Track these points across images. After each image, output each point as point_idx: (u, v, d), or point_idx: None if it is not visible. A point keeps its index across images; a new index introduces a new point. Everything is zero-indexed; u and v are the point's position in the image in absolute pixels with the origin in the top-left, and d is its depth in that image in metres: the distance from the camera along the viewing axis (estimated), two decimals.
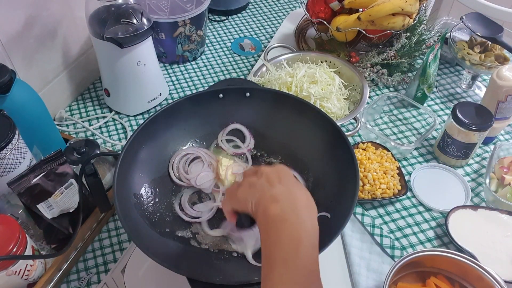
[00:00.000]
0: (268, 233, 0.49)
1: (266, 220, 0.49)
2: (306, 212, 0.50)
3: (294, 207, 0.50)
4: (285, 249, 0.47)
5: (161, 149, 0.79)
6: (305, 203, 0.51)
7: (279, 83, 0.96)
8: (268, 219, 0.49)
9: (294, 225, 0.48)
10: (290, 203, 0.50)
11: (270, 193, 0.51)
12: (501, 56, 1.02)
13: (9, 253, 0.61)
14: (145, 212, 0.72)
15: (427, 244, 0.80)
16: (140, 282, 0.74)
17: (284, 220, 0.48)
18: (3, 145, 0.66)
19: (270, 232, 0.48)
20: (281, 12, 1.34)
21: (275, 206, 0.49)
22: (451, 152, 0.89)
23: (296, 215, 0.49)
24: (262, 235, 0.50)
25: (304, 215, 0.50)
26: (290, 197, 0.51)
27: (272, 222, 0.48)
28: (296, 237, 0.47)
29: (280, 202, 0.50)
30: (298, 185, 0.54)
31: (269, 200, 0.50)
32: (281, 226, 0.48)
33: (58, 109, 1.01)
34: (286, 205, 0.49)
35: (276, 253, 0.47)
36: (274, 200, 0.50)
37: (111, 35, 0.85)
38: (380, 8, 0.97)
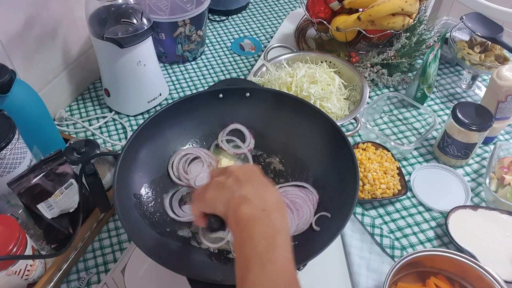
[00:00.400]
0: (241, 234, 0.48)
1: (237, 220, 0.48)
2: (276, 211, 0.50)
3: (264, 206, 0.49)
4: (259, 248, 0.46)
5: (161, 149, 0.79)
6: (275, 202, 0.51)
7: (279, 83, 0.96)
8: (239, 220, 0.48)
9: (266, 224, 0.48)
10: (260, 202, 0.49)
11: (240, 193, 0.50)
12: (501, 56, 1.02)
13: (9, 253, 0.61)
14: (145, 212, 0.72)
15: (427, 244, 0.80)
16: (140, 282, 0.74)
17: (255, 220, 0.48)
18: (3, 145, 0.66)
19: (242, 232, 0.48)
20: (281, 12, 1.34)
21: (245, 206, 0.48)
22: (451, 152, 0.89)
23: (267, 214, 0.48)
24: (235, 236, 0.49)
25: (274, 213, 0.49)
26: (259, 197, 0.50)
27: (244, 222, 0.48)
28: (269, 235, 0.47)
29: (250, 202, 0.49)
30: (267, 184, 0.53)
31: (239, 201, 0.49)
32: (253, 226, 0.47)
33: (58, 109, 1.01)
34: (257, 205, 0.49)
35: (250, 252, 0.46)
36: (244, 201, 0.49)
37: (111, 35, 0.85)
38: (380, 8, 0.97)
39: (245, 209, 0.48)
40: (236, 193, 0.51)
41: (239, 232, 0.48)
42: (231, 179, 0.52)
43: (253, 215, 0.48)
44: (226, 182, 0.52)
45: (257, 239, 0.46)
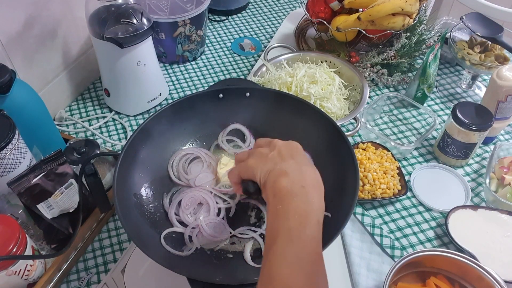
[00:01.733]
0: (275, 205, 0.49)
1: (275, 192, 0.49)
2: (314, 190, 0.51)
3: (303, 183, 0.50)
4: (291, 222, 0.47)
5: (161, 149, 0.79)
6: (314, 181, 0.52)
7: (279, 83, 0.96)
8: (276, 192, 0.49)
9: (302, 201, 0.48)
10: (300, 179, 0.50)
11: (281, 166, 0.51)
12: (501, 56, 1.02)
13: (9, 253, 0.61)
14: (145, 212, 0.72)
15: (427, 244, 0.80)
16: (140, 282, 0.74)
17: (292, 194, 0.48)
18: (3, 145, 0.66)
19: (277, 204, 0.49)
20: (281, 12, 1.34)
21: (285, 180, 0.49)
22: (451, 152, 0.89)
23: (304, 191, 0.49)
24: (269, 206, 0.50)
25: (312, 192, 0.50)
26: (300, 173, 0.51)
27: (281, 194, 0.49)
28: (303, 212, 0.48)
29: (290, 177, 0.50)
30: (309, 163, 0.54)
31: (279, 173, 0.50)
32: (289, 200, 0.48)
33: (58, 109, 1.01)
34: (296, 180, 0.50)
35: (281, 225, 0.47)
36: (284, 174, 0.50)
37: (111, 35, 0.85)
38: (380, 8, 0.97)
39: (285, 182, 0.49)
40: (278, 165, 0.52)
41: (274, 204, 0.49)
42: (275, 152, 0.54)
43: (291, 190, 0.49)
44: (270, 154, 0.54)
45: (291, 214, 0.47)
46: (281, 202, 0.49)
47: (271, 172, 0.52)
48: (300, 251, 0.46)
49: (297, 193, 0.49)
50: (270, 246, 0.47)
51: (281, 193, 0.49)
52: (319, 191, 0.52)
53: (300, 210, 0.48)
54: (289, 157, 0.53)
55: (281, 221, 0.47)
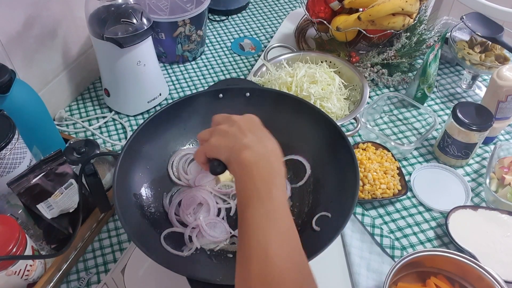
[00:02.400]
0: (242, 176, 0.53)
1: (240, 165, 0.53)
2: (275, 157, 0.55)
3: (264, 153, 0.54)
4: (259, 185, 0.51)
5: (161, 149, 0.79)
6: (273, 148, 0.56)
7: (279, 83, 0.96)
8: (241, 165, 0.53)
9: (266, 168, 0.53)
10: (261, 149, 0.54)
11: (242, 142, 0.55)
12: (501, 56, 1.02)
13: (9, 253, 0.61)
14: (145, 212, 0.72)
15: (427, 244, 0.80)
16: (140, 282, 0.74)
17: (256, 164, 0.53)
18: (3, 145, 0.66)
19: (244, 174, 0.53)
20: (281, 12, 1.34)
21: (247, 153, 0.53)
22: (451, 152, 0.89)
23: (266, 159, 0.54)
24: (237, 178, 0.54)
25: (272, 158, 0.55)
26: (260, 144, 0.55)
27: (245, 166, 0.53)
28: (268, 176, 0.52)
29: (252, 149, 0.54)
30: (266, 134, 0.58)
31: (242, 147, 0.54)
32: (254, 169, 0.52)
33: (58, 109, 1.01)
34: (257, 151, 0.54)
35: (251, 190, 0.51)
36: (246, 148, 0.54)
37: (111, 35, 0.85)
38: (380, 8, 0.97)
39: (247, 154, 0.53)
40: (239, 141, 0.55)
41: (241, 174, 0.53)
42: (235, 127, 0.57)
43: (254, 159, 0.53)
44: (229, 130, 0.57)
45: (257, 178, 0.52)
46: (247, 171, 0.52)
47: (234, 147, 0.55)
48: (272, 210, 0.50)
49: (260, 161, 0.53)
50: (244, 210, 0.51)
51: (246, 164, 0.53)
52: (278, 157, 0.56)
53: (265, 175, 0.52)
54: (249, 132, 0.56)
55: (250, 187, 0.52)
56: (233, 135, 0.56)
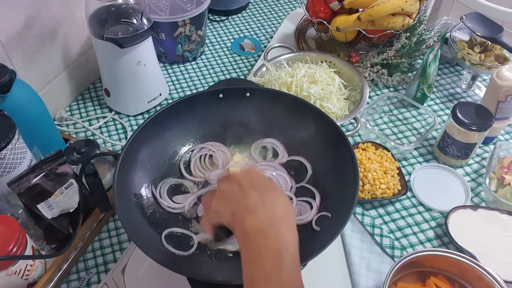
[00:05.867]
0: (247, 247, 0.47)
1: (244, 233, 0.47)
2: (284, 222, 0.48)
3: (271, 218, 0.47)
4: (266, 265, 0.44)
5: (161, 149, 0.79)
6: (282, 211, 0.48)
7: (279, 83, 0.96)
8: (245, 232, 0.47)
9: (273, 238, 0.46)
10: (267, 213, 0.47)
11: (245, 203, 0.48)
12: (501, 56, 1.02)
13: (9, 253, 0.61)
14: (145, 212, 0.72)
15: (427, 244, 0.80)
16: (140, 282, 0.74)
17: (262, 233, 0.46)
18: (3, 145, 0.66)
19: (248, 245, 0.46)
20: (281, 12, 1.34)
21: (251, 218, 0.47)
22: (451, 152, 0.89)
23: (274, 227, 0.46)
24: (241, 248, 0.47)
25: (282, 225, 0.47)
26: (266, 207, 0.48)
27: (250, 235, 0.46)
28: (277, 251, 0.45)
29: (256, 213, 0.47)
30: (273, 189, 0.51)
31: (245, 212, 0.48)
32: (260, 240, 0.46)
33: (58, 109, 1.01)
34: (263, 216, 0.47)
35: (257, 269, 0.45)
36: (249, 212, 0.47)
37: (111, 35, 0.85)
38: (380, 8, 0.97)
39: (251, 222, 0.46)
40: (241, 203, 0.49)
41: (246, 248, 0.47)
42: (235, 187, 0.50)
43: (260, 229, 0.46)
44: (230, 191, 0.51)
45: (264, 257, 0.45)
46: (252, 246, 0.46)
47: (236, 211, 0.49)
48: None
49: (267, 231, 0.46)
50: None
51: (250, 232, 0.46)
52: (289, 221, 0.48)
53: (272, 252, 0.45)
54: (251, 189, 0.49)
55: (256, 267, 0.45)
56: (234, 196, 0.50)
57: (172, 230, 0.71)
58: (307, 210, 0.74)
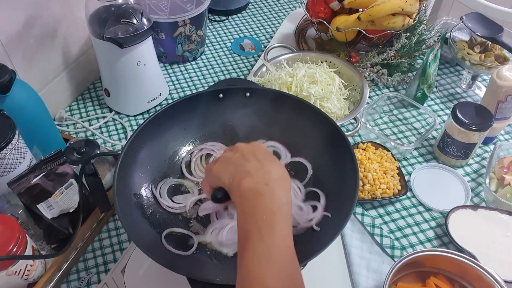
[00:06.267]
0: (243, 206, 0.50)
1: (240, 193, 0.50)
2: (279, 186, 0.51)
3: (267, 181, 0.51)
4: (260, 222, 0.48)
5: (161, 149, 0.79)
6: (278, 175, 0.52)
7: (279, 83, 0.96)
8: (242, 193, 0.50)
9: (268, 199, 0.49)
10: (263, 177, 0.51)
11: (244, 168, 0.52)
12: (501, 56, 1.02)
13: (9, 253, 0.61)
14: (145, 212, 0.72)
15: (427, 244, 0.80)
16: (140, 282, 0.74)
17: (257, 194, 0.49)
18: (3, 145, 0.66)
19: (244, 205, 0.50)
20: (281, 12, 1.34)
21: (248, 180, 0.50)
22: (451, 152, 0.89)
23: (269, 189, 0.50)
24: (238, 208, 0.51)
25: (277, 188, 0.51)
26: (263, 171, 0.52)
27: (246, 195, 0.50)
28: (271, 210, 0.49)
29: (253, 177, 0.51)
30: (272, 160, 0.55)
31: (243, 175, 0.51)
32: (255, 199, 0.49)
33: (58, 109, 1.01)
34: (259, 179, 0.51)
35: (251, 226, 0.48)
36: (247, 175, 0.51)
37: (111, 35, 0.85)
38: (380, 8, 0.97)
39: (248, 183, 0.50)
40: (241, 168, 0.53)
41: (242, 206, 0.50)
42: (238, 154, 0.55)
43: (256, 189, 0.50)
44: (232, 157, 0.55)
45: (258, 214, 0.48)
46: (248, 203, 0.49)
47: (235, 174, 0.53)
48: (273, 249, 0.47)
49: (262, 192, 0.50)
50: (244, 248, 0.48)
51: (247, 193, 0.50)
52: (284, 185, 0.52)
53: (267, 210, 0.49)
54: (252, 157, 0.54)
55: (250, 222, 0.49)
56: (235, 161, 0.54)
57: (172, 230, 0.71)
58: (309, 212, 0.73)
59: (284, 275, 0.47)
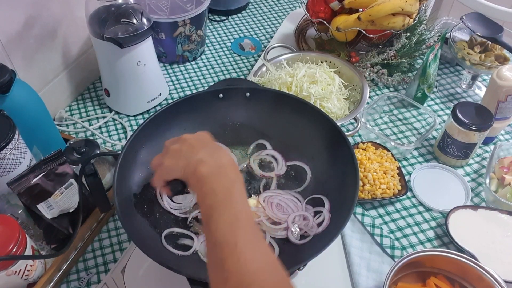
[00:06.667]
0: (201, 189, 0.53)
1: (198, 179, 0.53)
2: (230, 166, 0.55)
3: (220, 164, 0.54)
4: (220, 196, 0.51)
5: (161, 149, 0.78)
6: (228, 160, 0.56)
7: (279, 83, 0.96)
8: (199, 179, 0.53)
9: (223, 177, 0.53)
10: (215, 161, 0.54)
11: (196, 157, 0.55)
12: (501, 56, 1.02)
13: (9, 253, 0.61)
14: (145, 212, 0.72)
15: (427, 244, 0.80)
16: (140, 282, 0.74)
17: (213, 175, 0.53)
18: (3, 145, 0.66)
19: (202, 188, 0.53)
20: (281, 12, 1.34)
21: (203, 166, 0.54)
22: (451, 152, 0.89)
23: (223, 170, 0.54)
24: (197, 193, 0.54)
25: (229, 168, 0.55)
26: (214, 157, 0.55)
27: (203, 179, 0.53)
28: (227, 186, 0.52)
29: (207, 163, 0.54)
30: (219, 148, 0.58)
31: (196, 163, 0.54)
32: (212, 180, 0.53)
33: (58, 109, 1.01)
34: (212, 163, 0.54)
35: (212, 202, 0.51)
36: (200, 162, 0.54)
37: (111, 35, 0.85)
38: (380, 8, 0.97)
39: (203, 169, 0.53)
40: (193, 157, 0.55)
41: (200, 188, 0.53)
42: (186, 146, 0.57)
43: (211, 172, 0.53)
44: (181, 150, 0.57)
45: (217, 190, 0.52)
46: (205, 184, 0.53)
47: (188, 165, 0.55)
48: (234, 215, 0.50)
49: (217, 173, 0.53)
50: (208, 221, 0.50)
51: (203, 177, 0.53)
52: (234, 166, 0.56)
53: (224, 186, 0.52)
54: (201, 147, 0.57)
55: (210, 198, 0.51)
56: (185, 153, 0.57)
57: (172, 230, 0.71)
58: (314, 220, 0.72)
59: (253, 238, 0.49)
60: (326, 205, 0.74)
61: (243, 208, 0.51)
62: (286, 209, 0.75)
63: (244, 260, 0.46)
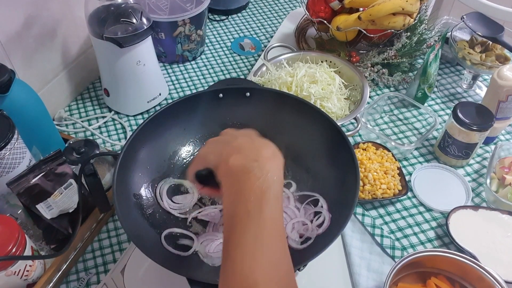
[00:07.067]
0: (230, 187, 0.46)
1: (228, 171, 0.46)
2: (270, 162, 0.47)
3: (257, 158, 0.46)
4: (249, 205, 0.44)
5: (161, 149, 0.79)
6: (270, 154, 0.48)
7: (279, 83, 0.96)
8: (230, 171, 0.46)
9: (257, 175, 0.45)
10: (253, 153, 0.47)
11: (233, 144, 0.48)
12: (501, 56, 1.02)
13: (8, 253, 0.61)
14: (145, 212, 0.72)
15: (427, 245, 0.80)
16: (140, 283, 0.73)
17: (246, 171, 0.45)
18: (2, 145, 0.66)
19: (232, 184, 0.46)
20: (281, 12, 1.34)
21: (237, 156, 0.46)
22: (452, 152, 0.89)
23: (259, 166, 0.45)
24: (224, 187, 0.47)
25: (267, 165, 0.46)
26: (253, 147, 0.47)
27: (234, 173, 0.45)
28: (260, 190, 0.44)
29: (242, 152, 0.47)
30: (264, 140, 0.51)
31: (232, 151, 0.47)
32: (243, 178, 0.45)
33: (57, 109, 1.01)
34: (249, 156, 0.46)
35: (239, 207, 0.44)
36: (236, 151, 0.47)
37: (110, 34, 0.85)
38: (380, 7, 0.97)
39: (237, 159, 0.46)
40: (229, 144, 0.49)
41: (229, 185, 0.46)
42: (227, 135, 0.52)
43: (245, 166, 0.45)
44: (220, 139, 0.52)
45: (247, 194, 0.44)
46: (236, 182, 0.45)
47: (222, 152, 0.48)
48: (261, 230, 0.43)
49: (250, 169, 0.45)
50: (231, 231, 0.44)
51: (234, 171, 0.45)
52: (276, 162, 0.47)
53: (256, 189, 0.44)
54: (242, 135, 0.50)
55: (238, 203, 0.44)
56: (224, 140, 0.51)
57: (172, 230, 0.71)
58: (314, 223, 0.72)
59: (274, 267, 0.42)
60: (324, 205, 0.73)
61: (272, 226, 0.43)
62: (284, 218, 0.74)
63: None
